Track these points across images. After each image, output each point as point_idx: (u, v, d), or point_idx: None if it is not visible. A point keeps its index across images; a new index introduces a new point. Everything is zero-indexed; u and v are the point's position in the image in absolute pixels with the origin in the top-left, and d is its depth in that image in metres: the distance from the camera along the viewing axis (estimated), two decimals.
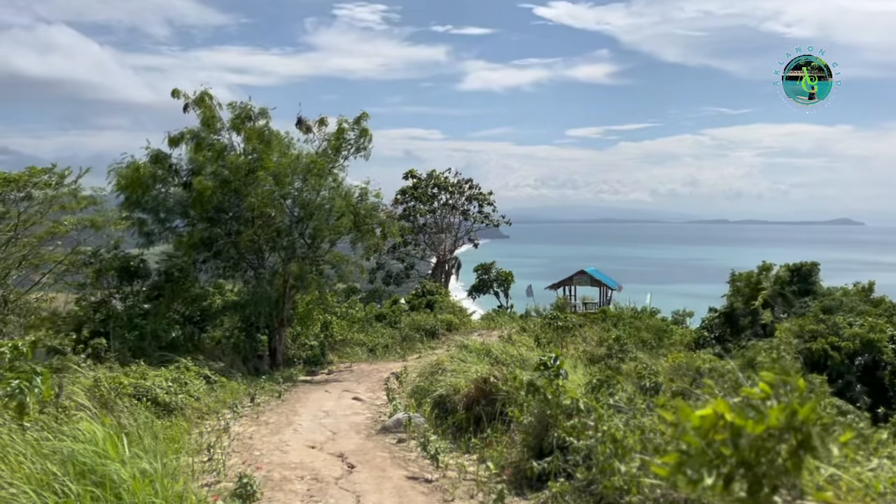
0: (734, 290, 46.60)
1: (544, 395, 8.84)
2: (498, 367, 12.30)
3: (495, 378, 11.54)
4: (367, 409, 15.62)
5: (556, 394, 8.75)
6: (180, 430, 12.00)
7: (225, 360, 20.55)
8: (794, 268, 45.85)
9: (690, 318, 45.90)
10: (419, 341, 31.22)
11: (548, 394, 8.83)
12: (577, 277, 50.91)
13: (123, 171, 19.79)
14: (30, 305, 18.82)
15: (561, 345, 29.52)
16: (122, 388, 12.61)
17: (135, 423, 11.18)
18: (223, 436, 11.78)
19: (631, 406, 8.80)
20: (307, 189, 21.49)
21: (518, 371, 10.97)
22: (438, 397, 12.87)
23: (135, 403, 12.75)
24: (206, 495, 7.71)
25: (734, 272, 47.24)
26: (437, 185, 56.81)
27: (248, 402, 15.63)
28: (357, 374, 22.74)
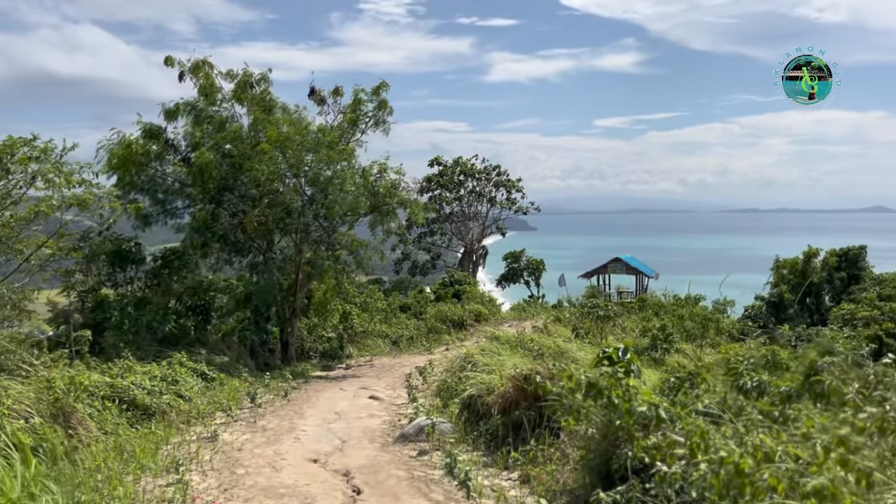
0: (778, 277, 43.84)
1: (609, 398, 6.60)
2: (541, 361, 10.08)
3: (539, 375, 9.30)
4: (385, 410, 13.47)
5: (627, 398, 6.49)
6: (155, 440, 9.92)
7: (230, 354, 18.53)
8: (841, 253, 42.98)
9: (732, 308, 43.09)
10: (446, 333, 29.08)
11: (615, 397, 6.58)
12: (611, 265, 48.39)
13: (115, 148, 17.80)
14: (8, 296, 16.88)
15: (600, 335, 27.18)
16: (85, 390, 10.56)
17: (91, 435, 9.14)
18: (206, 447, 9.67)
19: (725, 413, 6.55)
20: (318, 163, 19.35)
21: (571, 367, 8.70)
22: (468, 398, 10.63)
23: (107, 407, 10.73)
24: None
25: (778, 259, 44.46)
26: (464, 172, 54.55)
27: (247, 402, 13.55)
28: (378, 368, 20.62)
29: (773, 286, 43.67)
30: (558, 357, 16.27)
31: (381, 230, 21.68)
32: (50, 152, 15.77)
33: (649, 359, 25.51)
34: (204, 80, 18.84)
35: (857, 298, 37.70)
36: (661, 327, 27.44)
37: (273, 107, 19.51)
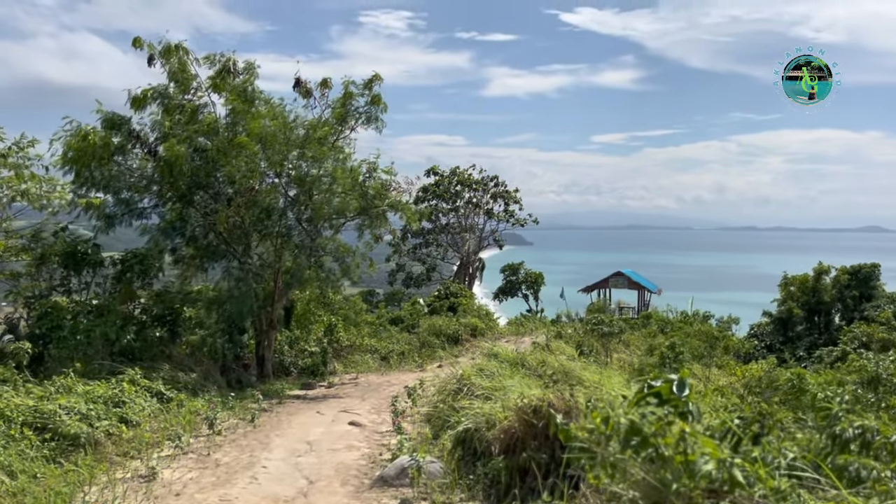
0: (786, 294, 42.20)
1: (659, 450, 4.78)
2: (554, 388, 8.23)
3: (552, 408, 7.45)
4: (366, 439, 11.56)
5: (684, 450, 4.66)
6: (75, 480, 8.01)
7: (198, 370, 16.60)
8: (853, 270, 41.38)
9: (737, 325, 41.29)
10: (440, 348, 27.23)
11: (666, 449, 4.76)
12: (613, 280, 46.69)
13: (70, 140, 15.92)
14: None
15: (606, 353, 25.35)
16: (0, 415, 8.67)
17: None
18: (136, 491, 7.78)
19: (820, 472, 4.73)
20: (305, 160, 17.49)
21: (600, 401, 6.84)
22: (463, 432, 8.75)
23: (25, 437, 8.82)
24: None
25: (786, 275, 42.87)
26: (461, 183, 53.00)
27: (206, 428, 11.64)
28: (363, 387, 18.70)
29: (781, 303, 42.00)
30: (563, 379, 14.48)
31: (370, 235, 19.82)
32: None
33: None
34: (177, 66, 16.99)
35: (871, 317, 35.99)
36: (670, 345, 25.67)
37: (255, 99, 17.67)
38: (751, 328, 43.33)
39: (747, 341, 36.08)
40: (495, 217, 53.12)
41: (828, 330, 41.59)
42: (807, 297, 42.13)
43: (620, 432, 5.04)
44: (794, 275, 43.18)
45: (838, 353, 31.76)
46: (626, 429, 4.97)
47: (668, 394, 5.16)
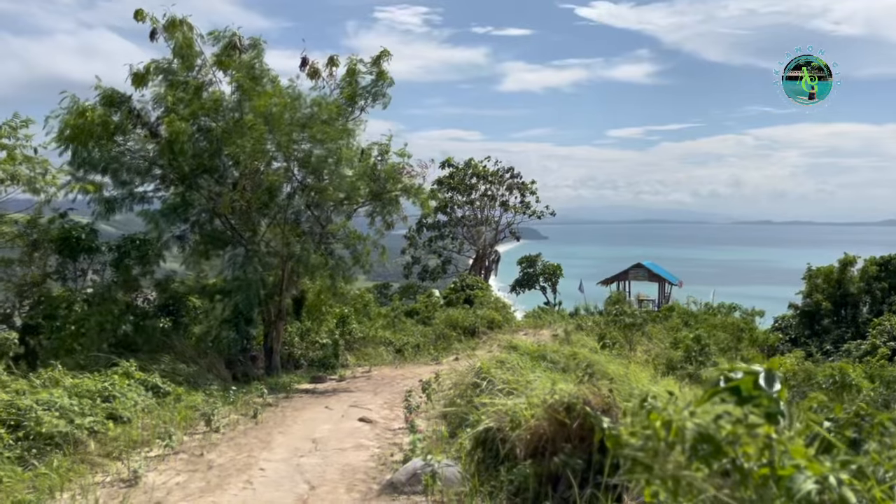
0: (811, 286, 40.87)
1: (737, 462, 3.80)
2: (589, 384, 7.21)
3: (588, 405, 6.44)
4: (376, 438, 10.60)
5: (775, 464, 3.67)
6: (47, 485, 7.10)
7: (202, 362, 15.72)
8: (882, 262, 39.98)
9: (761, 318, 40.05)
10: (456, 340, 26.30)
11: (746, 460, 3.78)
12: (632, 272, 45.47)
13: (67, 117, 15.04)
14: None
15: (630, 346, 24.28)
16: None
17: None
18: (114, 498, 6.86)
19: None
20: (311, 140, 16.51)
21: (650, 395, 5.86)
22: (484, 432, 7.77)
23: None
24: None
25: (811, 267, 41.55)
26: (476, 175, 51.94)
27: (203, 425, 10.73)
28: (375, 381, 17.76)
29: (806, 295, 40.67)
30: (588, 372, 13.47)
31: (381, 222, 18.85)
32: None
33: (684, 374, 22.64)
34: (181, 40, 16.06)
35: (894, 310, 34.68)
36: (695, 338, 24.57)
37: (263, 77, 16.72)
38: (775, 321, 42.08)
39: (772, 334, 34.94)
40: (511, 209, 52.05)
41: (855, 323, 40.23)
42: (832, 290, 40.81)
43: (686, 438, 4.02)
44: (820, 266, 41.88)
45: (868, 347, 30.47)
46: (693, 434, 3.95)
47: (750, 390, 4.11)
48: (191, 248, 17.54)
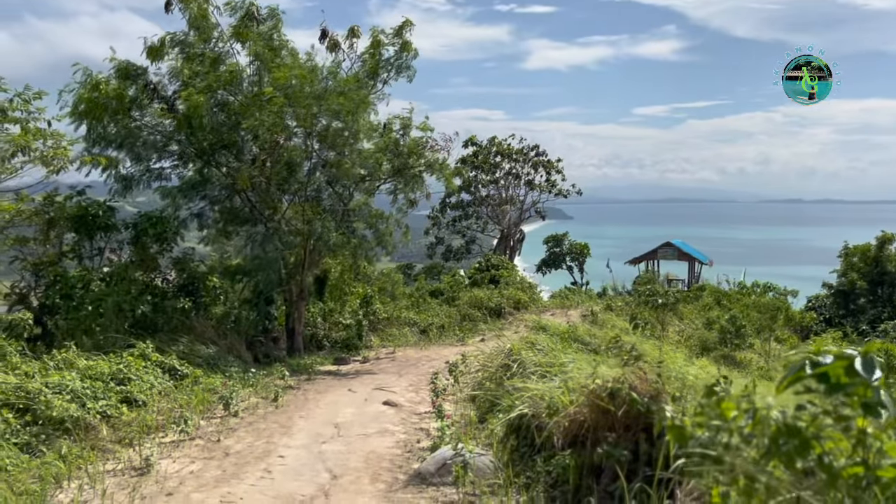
0: (847, 265, 39.75)
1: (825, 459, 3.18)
2: (635, 367, 6.60)
3: (633, 390, 5.84)
4: (401, 422, 10.10)
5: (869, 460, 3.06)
6: (52, 473, 6.67)
7: (222, 343, 15.34)
8: None
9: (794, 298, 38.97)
10: (482, 321, 25.75)
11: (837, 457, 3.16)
12: (662, 251, 44.48)
13: (81, 91, 14.60)
14: None
15: (661, 327, 23.58)
16: None
17: None
18: (123, 489, 6.41)
19: None
20: (326, 113, 15.93)
21: (720, 380, 5.21)
22: (517, 419, 7.21)
23: (4, 419, 7.51)
24: None
25: (847, 245, 40.37)
26: (500, 153, 51.05)
27: (221, 409, 10.29)
28: (400, 363, 17.29)
29: (842, 274, 39.57)
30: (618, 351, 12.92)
31: (404, 199, 18.28)
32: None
33: (719, 356, 21.93)
34: (196, 11, 15.53)
35: None
36: (730, 318, 23.81)
37: (281, 48, 16.17)
38: (808, 301, 41.03)
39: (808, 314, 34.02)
40: (536, 188, 51.13)
41: (892, 302, 39.07)
42: (869, 268, 39.66)
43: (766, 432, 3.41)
44: (856, 245, 40.73)
45: None
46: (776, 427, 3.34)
47: (840, 377, 3.49)
48: (210, 226, 17.13)
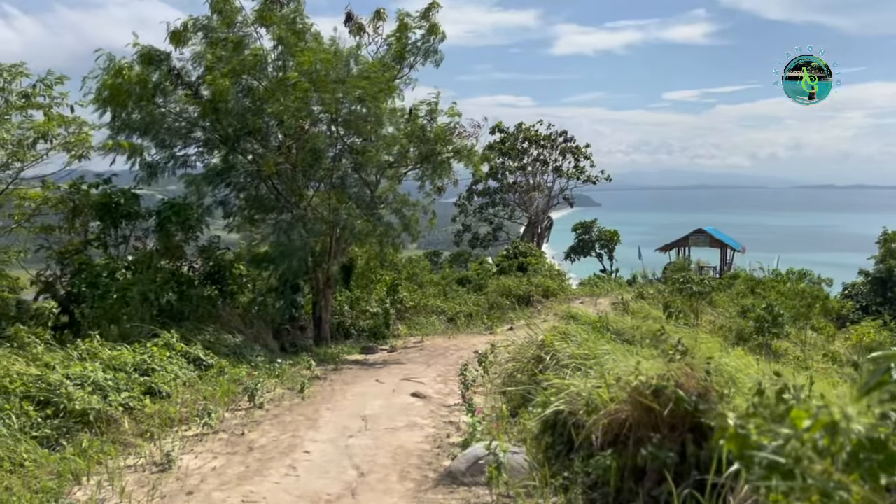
0: (886, 251, 38.70)
1: None
2: (681, 363, 6.19)
3: (679, 387, 5.45)
4: (430, 415, 9.79)
5: None
6: (69, 470, 6.46)
7: (248, 332, 15.16)
8: None
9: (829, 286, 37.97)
10: (510, 310, 25.40)
11: None
12: (693, 237, 43.63)
13: (105, 77, 14.41)
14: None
15: (695, 316, 23.01)
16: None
17: None
18: (141, 487, 6.17)
19: None
20: (349, 97, 15.56)
21: (788, 384, 4.83)
22: (553, 416, 6.86)
23: (24, 412, 7.32)
24: None
25: (887, 231, 39.29)
26: (528, 139, 50.37)
27: (246, 400, 10.07)
28: (428, 352, 17.01)
29: (879, 261, 38.56)
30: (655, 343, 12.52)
31: (431, 186, 17.91)
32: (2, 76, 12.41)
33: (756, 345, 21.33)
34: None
35: None
36: (766, 307, 23.13)
37: (305, 31, 15.85)
38: (844, 288, 40.04)
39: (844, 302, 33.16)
40: (564, 174, 50.41)
41: None
42: None
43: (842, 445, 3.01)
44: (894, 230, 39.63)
45: None
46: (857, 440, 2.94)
47: None
48: (235, 213, 16.94)
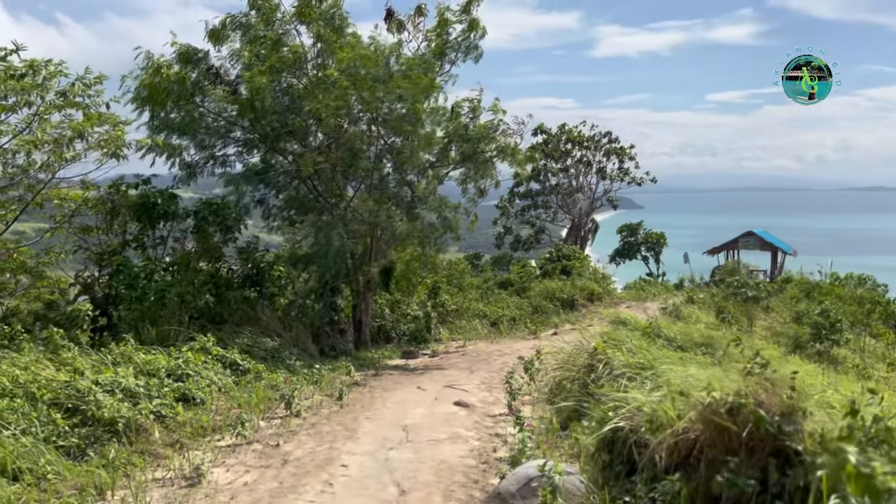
0: None
1: None
2: (759, 377, 5.53)
3: (759, 405, 4.83)
4: (475, 426, 9.25)
5: None
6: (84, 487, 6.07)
7: (286, 336, 14.80)
8: None
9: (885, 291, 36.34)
10: (554, 314, 24.72)
11: None
12: (742, 240, 42.21)
13: (143, 76, 14.21)
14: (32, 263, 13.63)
15: (750, 322, 22.05)
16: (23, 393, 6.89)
17: None
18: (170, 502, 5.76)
19: None
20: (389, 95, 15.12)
21: None
22: (611, 433, 6.27)
23: (51, 420, 6.99)
24: None
25: None
26: (571, 140, 49.48)
27: (282, 408, 9.65)
28: (471, 357, 16.46)
29: None
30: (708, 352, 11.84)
31: (474, 187, 17.39)
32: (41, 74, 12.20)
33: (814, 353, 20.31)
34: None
35: None
36: (822, 312, 22.04)
37: (343, 27, 15.48)
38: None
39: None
40: (608, 176, 49.41)
41: None
42: None
43: None
44: None
45: None
46: None
47: None
48: (274, 214, 16.65)
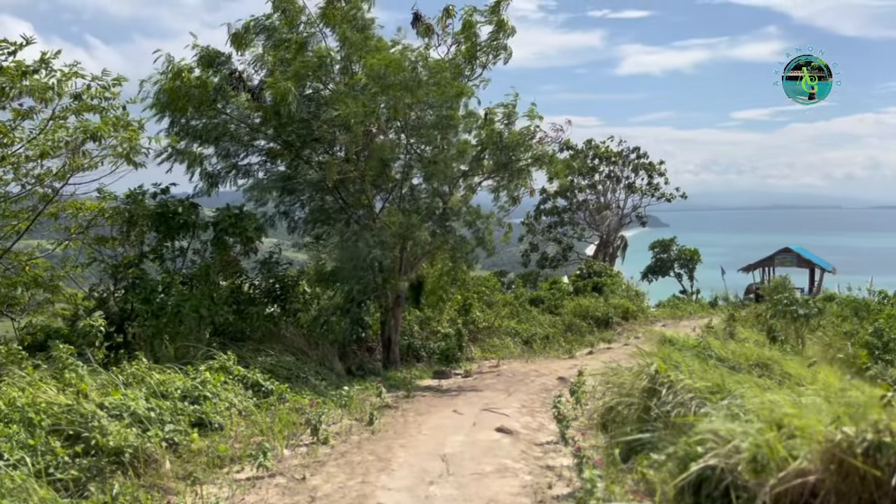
0: None
1: None
2: (892, 411, 4.54)
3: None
4: (522, 456, 8.27)
5: None
6: None
7: (312, 354, 13.94)
8: None
9: None
10: (588, 332, 23.71)
11: None
12: (779, 257, 40.83)
13: (163, 81, 13.53)
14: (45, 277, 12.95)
15: (800, 341, 20.84)
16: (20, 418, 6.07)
17: None
18: None
19: None
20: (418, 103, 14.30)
21: None
22: (703, 472, 5.27)
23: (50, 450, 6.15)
24: None
25: None
26: (598, 156, 48.57)
27: (308, 434, 8.75)
28: (507, 378, 15.47)
29: None
30: None
31: (507, 197, 16.51)
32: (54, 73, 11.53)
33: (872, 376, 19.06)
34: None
35: None
36: (874, 332, 20.74)
37: (368, 27, 14.74)
38: None
39: None
40: (637, 191, 48.37)
41: None
42: None
43: None
44: None
45: None
46: None
47: None
48: (299, 226, 15.88)
